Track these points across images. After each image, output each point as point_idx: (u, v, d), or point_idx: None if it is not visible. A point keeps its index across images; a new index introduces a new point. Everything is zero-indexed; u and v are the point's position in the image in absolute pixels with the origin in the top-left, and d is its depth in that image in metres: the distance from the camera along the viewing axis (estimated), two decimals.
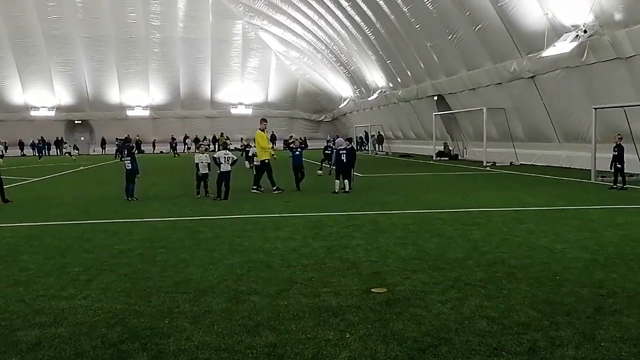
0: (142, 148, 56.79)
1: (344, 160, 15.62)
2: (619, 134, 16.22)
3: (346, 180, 15.66)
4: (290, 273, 6.81)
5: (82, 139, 57.30)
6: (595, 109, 18.29)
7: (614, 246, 8.00)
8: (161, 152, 56.67)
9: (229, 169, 14.83)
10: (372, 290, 6.00)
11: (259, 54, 56.45)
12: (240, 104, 59.87)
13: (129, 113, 57.02)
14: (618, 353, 4.23)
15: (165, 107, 57.98)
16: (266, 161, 16.40)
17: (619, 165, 15.62)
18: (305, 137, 50.24)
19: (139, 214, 12.26)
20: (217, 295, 5.90)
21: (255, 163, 17.01)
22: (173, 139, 52.35)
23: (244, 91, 59.05)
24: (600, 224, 9.84)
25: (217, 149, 44.81)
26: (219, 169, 14.86)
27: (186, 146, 55.71)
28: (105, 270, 7.09)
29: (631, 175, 17.39)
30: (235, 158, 15.32)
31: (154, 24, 51.97)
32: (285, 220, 11.02)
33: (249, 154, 19.59)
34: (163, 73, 55.43)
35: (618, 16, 18.18)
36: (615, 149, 15.69)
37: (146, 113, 57.50)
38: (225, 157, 14.83)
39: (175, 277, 6.72)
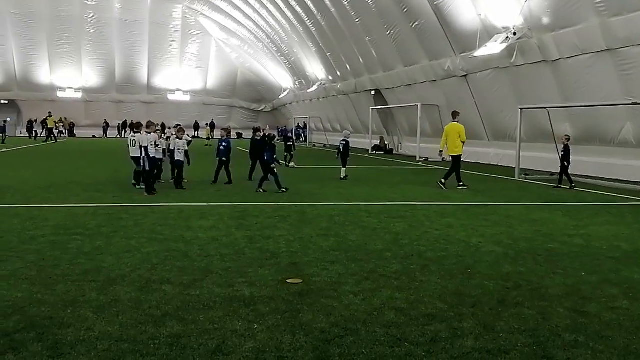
0: (74, 132, 54.84)
1: (342, 150, 17.87)
2: (566, 135, 16.44)
3: (343, 168, 17.67)
4: (207, 263, 6.71)
5: (9, 119, 54.52)
6: (521, 109, 18.96)
7: (526, 241, 8.31)
8: (93, 136, 54.88)
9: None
10: (288, 281, 5.99)
11: (199, 40, 55.38)
12: (178, 90, 58.59)
13: (60, 94, 54.65)
14: (514, 343, 4.38)
15: (99, 90, 55.96)
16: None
17: (566, 164, 15.86)
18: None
19: (59, 199, 11.80)
20: (127, 285, 5.73)
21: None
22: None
23: (182, 77, 57.78)
24: (516, 220, 10.20)
25: (44, 132, 43.03)
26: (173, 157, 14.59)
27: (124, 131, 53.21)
28: (12, 257, 6.77)
29: (552, 174, 18.13)
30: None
31: (89, 3, 50.04)
32: (212, 210, 10.87)
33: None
34: (97, 55, 53.48)
35: (546, 20, 18.86)
36: (563, 149, 16.04)
37: (78, 95, 55.35)
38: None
39: (86, 265, 6.49)
